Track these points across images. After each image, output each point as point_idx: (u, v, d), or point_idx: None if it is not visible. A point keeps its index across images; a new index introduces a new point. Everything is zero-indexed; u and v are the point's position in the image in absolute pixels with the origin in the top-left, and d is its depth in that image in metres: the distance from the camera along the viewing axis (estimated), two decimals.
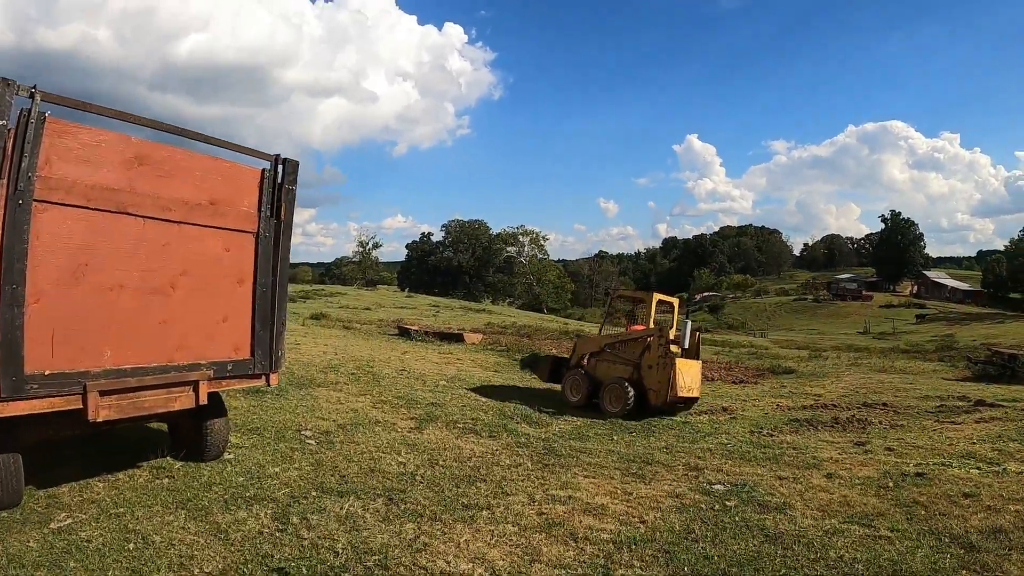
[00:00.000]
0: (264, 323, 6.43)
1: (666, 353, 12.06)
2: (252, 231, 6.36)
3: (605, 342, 13.39)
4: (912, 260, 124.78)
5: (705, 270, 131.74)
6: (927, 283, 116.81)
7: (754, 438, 10.47)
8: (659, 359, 12.08)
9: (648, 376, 12.21)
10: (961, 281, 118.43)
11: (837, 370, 23.76)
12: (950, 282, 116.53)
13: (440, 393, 12.67)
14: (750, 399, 15.60)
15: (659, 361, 12.07)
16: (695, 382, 12.46)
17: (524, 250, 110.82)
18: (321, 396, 11.31)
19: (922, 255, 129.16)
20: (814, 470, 8.15)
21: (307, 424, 9.04)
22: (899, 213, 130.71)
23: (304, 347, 19.00)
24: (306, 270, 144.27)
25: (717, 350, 33.53)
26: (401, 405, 11.02)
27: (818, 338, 61.37)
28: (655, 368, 12.11)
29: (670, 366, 11.87)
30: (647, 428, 10.94)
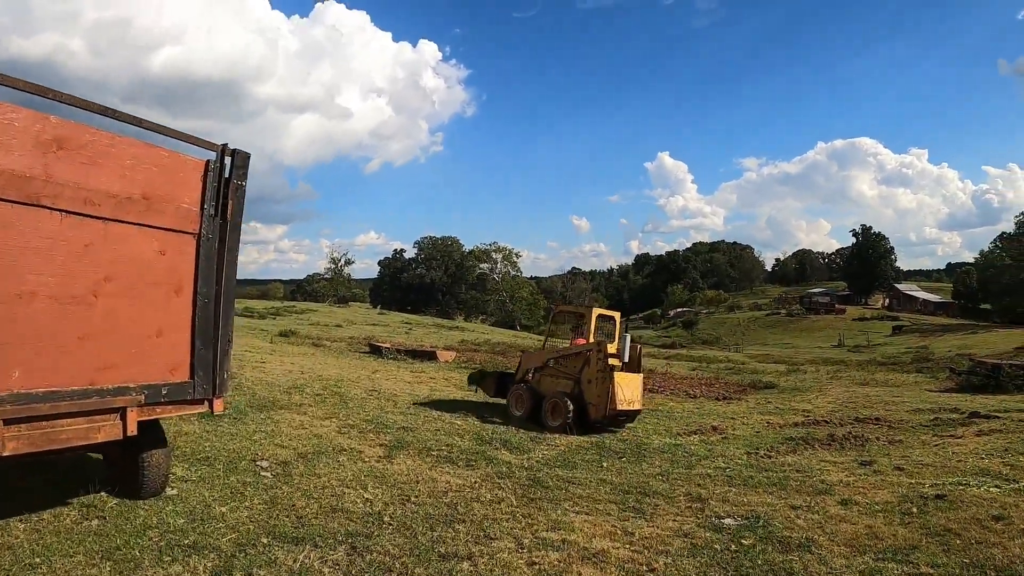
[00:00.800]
0: (206, 340, 5.49)
1: (605, 367, 12.15)
2: (193, 232, 5.44)
3: (548, 357, 13.49)
4: (883, 273, 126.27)
5: (678, 286, 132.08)
6: (899, 296, 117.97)
7: (752, 460, 9.86)
8: (598, 373, 12.20)
9: (588, 390, 12.34)
10: (932, 293, 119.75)
11: (819, 384, 23.45)
12: (921, 294, 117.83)
13: (412, 416, 11.73)
14: (738, 417, 15.16)
15: (598, 375, 12.19)
16: (636, 395, 12.56)
17: (497, 267, 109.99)
18: (283, 420, 10.33)
19: (893, 268, 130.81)
20: (826, 496, 7.50)
21: (264, 453, 8.05)
22: (870, 227, 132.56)
23: (269, 365, 17.99)
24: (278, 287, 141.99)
25: (695, 365, 33.16)
26: (369, 430, 10.05)
27: (793, 352, 61.39)
28: (594, 382, 12.23)
29: (609, 380, 11.99)
30: (637, 452, 10.12)
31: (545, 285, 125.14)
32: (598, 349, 12.40)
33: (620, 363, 12.61)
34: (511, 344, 39.00)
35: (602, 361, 12.25)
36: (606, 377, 12.07)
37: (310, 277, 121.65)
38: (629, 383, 12.40)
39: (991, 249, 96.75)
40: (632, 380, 12.55)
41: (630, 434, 12.11)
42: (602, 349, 12.37)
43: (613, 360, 12.50)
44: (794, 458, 9.95)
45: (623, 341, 12.93)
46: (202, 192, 5.52)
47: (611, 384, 11.97)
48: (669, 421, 14.14)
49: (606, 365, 12.20)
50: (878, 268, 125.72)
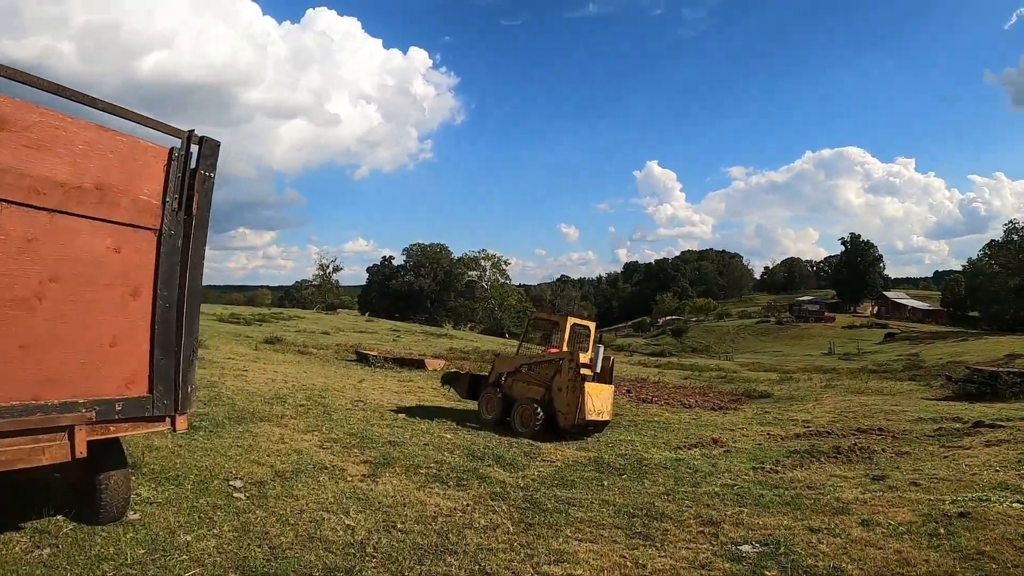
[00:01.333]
0: (167, 349, 4.89)
1: (576, 376, 12.19)
2: (153, 227, 4.85)
3: (521, 362, 13.58)
4: (872, 281, 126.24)
5: (668, 294, 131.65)
6: (888, 303, 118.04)
7: (760, 476, 9.37)
8: (569, 382, 12.25)
9: (558, 398, 12.38)
10: (920, 301, 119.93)
11: (814, 393, 22.99)
12: (910, 302, 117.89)
13: (399, 429, 11.12)
14: (737, 428, 14.66)
15: (569, 384, 12.23)
16: (605, 406, 12.57)
17: (486, 274, 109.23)
18: (262, 433, 9.72)
19: (882, 276, 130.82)
20: (845, 516, 7.00)
21: (239, 471, 7.44)
22: (859, 236, 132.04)
23: (252, 374, 17.34)
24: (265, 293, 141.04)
25: (687, 374, 32.65)
26: (354, 445, 9.43)
27: (784, 360, 61.04)
28: (565, 391, 12.27)
29: (579, 389, 12.02)
30: (638, 469, 9.54)
31: (534, 293, 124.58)
32: (570, 358, 12.45)
33: (592, 373, 12.66)
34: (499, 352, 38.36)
35: (573, 370, 12.28)
36: (576, 386, 12.08)
37: (298, 284, 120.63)
38: (599, 394, 12.38)
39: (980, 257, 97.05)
40: (602, 391, 12.53)
41: (628, 447, 11.56)
42: (574, 358, 12.42)
43: (585, 370, 12.55)
44: (803, 473, 9.54)
45: (596, 352, 13.00)
46: (164, 183, 4.93)
47: (581, 394, 11.98)
48: (667, 433, 13.62)
49: (577, 374, 12.22)
50: (867, 276, 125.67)
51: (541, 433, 12.10)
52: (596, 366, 12.84)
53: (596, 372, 12.79)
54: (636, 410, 17.62)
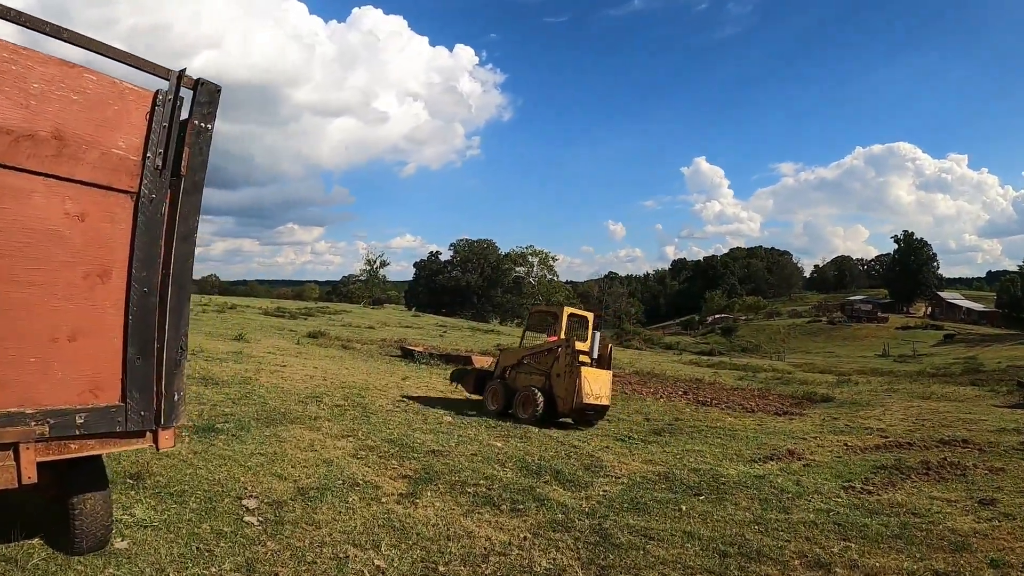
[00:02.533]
0: (145, 347, 3.81)
1: (572, 362, 12.65)
2: (129, 190, 3.78)
3: (523, 354, 14.14)
4: (926, 281, 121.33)
5: (717, 292, 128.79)
6: (942, 304, 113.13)
7: (854, 498, 8.19)
8: (566, 368, 12.73)
9: (557, 384, 12.85)
10: (975, 302, 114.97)
11: (878, 398, 21.55)
12: (965, 303, 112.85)
13: (444, 435, 9.98)
14: (809, 437, 13.50)
15: (566, 370, 12.71)
16: (603, 391, 12.87)
17: (533, 270, 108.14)
18: (290, 438, 8.72)
19: (936, 276, 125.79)
20: (968, 554, 6.02)
21: (256, 486, 6.40)
22: (912, 233, 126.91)
23: (290, 370, 16.50)
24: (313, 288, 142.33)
25: (741, 375, 31.19)
26: (392, 454, 8.33)
27: (837, 361, 58.79)
28: (563, 376, 12.74)
29: (576, 375, 12.43)
30: (715, 487, 8.27)
31: (581, 289, 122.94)
32: (566, 345, 12.98)
33: (589, 359, 13.07)
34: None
35: (570, 356, 12.76)
36: (573, 372, 12.52)
37: (345, 278, 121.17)
38: (597, 378, 12.75)
39: None
40: (600, 376, 12.89)
41: (698, 459, 10.30)
42: (570, 345, 12.92)
43: (583, 356, 12.97)
44: (900, 495, 8.44)
45: (593, 339, 13.39)
46: (146, 135, 3.85)
47: (578, 378, 12.39)
48: (736, 442, 12.40)
49: (573, 360, 12.66)
50: (920, 275, 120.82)
51: (542, 419, 12.59)
52: (593, 352, 13.20)
53: (594, 358, 13.16)
54: (697, 414, 16.40)
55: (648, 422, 14.42)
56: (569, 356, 12.78)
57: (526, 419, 12.54)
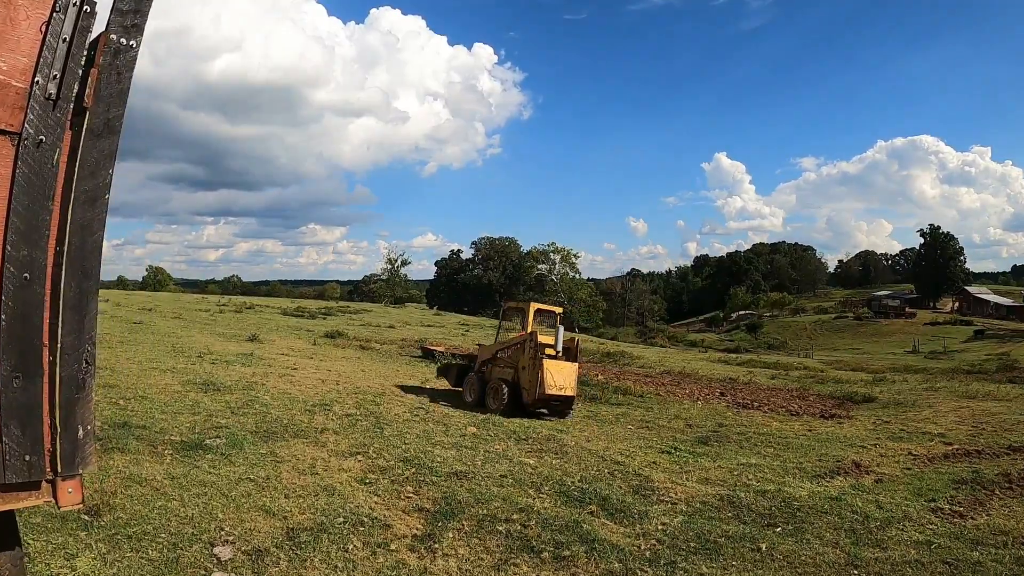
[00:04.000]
0: (26, 361, 2.56)
1: (536, 355, 13.12)
2: (7, 129, 2.53)
3: (496, 349, 14.90)
4: (953, 275, 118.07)
5: (741, 288, 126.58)
6: (969, 299, 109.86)
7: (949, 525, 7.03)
8: (530, 360, 13.24)
9: (522, 376, 13.42)
10: (1003, 296, 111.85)
11: (921, 397, 20.21)
12: (993, 298, 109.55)
13: (467, 450, 8.70)
14: (868, 444, 12.28)
15: (530, 363, 13.23)
16: (567, 382, 13.20)
17: (555, 268, 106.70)
18: (289, 458, 7.54)
19: (963, 270, 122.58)
20: None
21: (237, 526, 5.19)
22: (938, 227, 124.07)
23: (301, 373, 15.40)
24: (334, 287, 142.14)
25: (774, 373, 29.80)
26: (407, 477, 7.06)
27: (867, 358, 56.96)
28: (527, 369, 13.29)
29: (539, 367, 12.87)
30: (789, 513, 6.97)
31: (603, 287, 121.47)
32: (531, 338, 13.47)
33: (555, 352, 13.42)
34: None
35: (533, 349, 13.26)
36: (537, 364, 12.96)
37: (367, 278, 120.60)
38: (560, 370, 13.10)
39: None
40: (564, 368, 13.23)
41: (758, 475, 8.99)
42: (534, 338, 13.40)
43: (549, 350, 13.38)
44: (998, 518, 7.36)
45: (557, 333, 13.67)
46: (37, 52, 2.60)
47: (541, 371, 12.81)
48: (792, 452, 11.11)
49: (536, 353, 13.14)
50: (947, 270, 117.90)
51: (509, 409, 13.17)
52: (558, 345, 13.49)
53: (558, 351, 13.47)
54: (740, 418, 15.08)
55: (691, 429, 13.15)
56: (533, 349, 13.32)
57: (495, 409, 13.25)
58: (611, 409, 15.35)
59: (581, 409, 14.91)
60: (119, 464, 6.79)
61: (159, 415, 9.44)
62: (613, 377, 21.98)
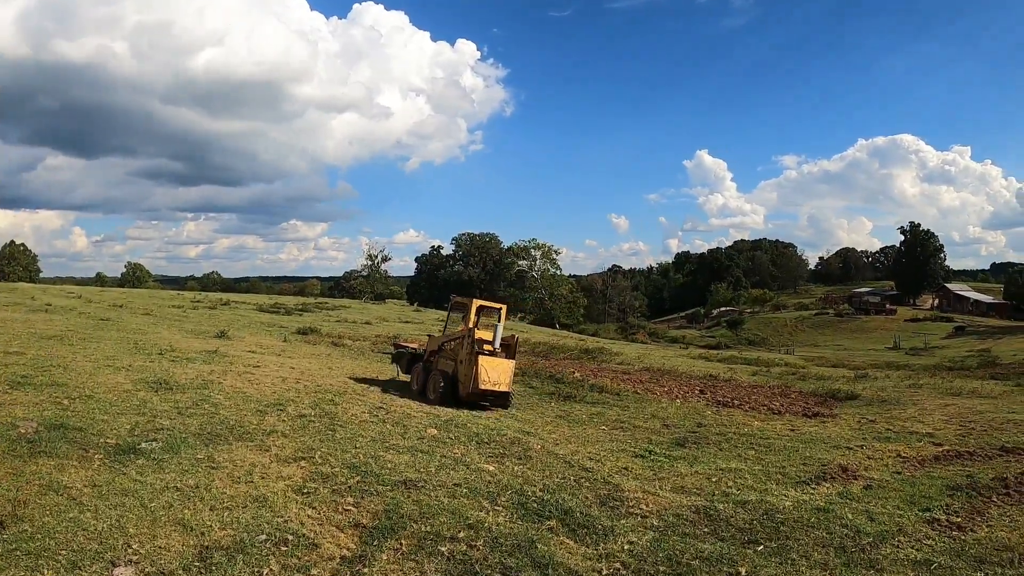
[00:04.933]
0: None
1: (472, 350, 13.35)
2: None
3: (442, 341, 15.11)
4: (933, 273, 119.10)
5: (722, 284, 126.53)
6: (949, 296, 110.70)
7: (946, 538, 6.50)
8: (467, 356, 13.47)
9: (460, 369, 13.68)
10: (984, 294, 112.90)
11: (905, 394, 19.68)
12: (973, 295, 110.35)
13: (423, 455, 8.05)
14: (854, 445, 11.64)
15: (467, 357, 13.46)
16: (502, 378, 13.44)
17: (536, 264, 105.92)
18: (226, 463, 6.92)
19: (943, 268, 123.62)
20: None
21: (146, 543, 4.56)
22: (919, 225, 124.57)
23: (264, 370, 14.71)
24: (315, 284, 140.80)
25: (755, 370, 29.30)
26: (350, 487, 6.40)
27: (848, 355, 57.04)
28: (464, 363, 13.55)
29: (474, 362, 13.14)
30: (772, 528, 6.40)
31: (585, 283, 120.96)
32: (468, 334, 13.68)
33: (491, 348, 13.60)
34: (555, 344, 35.19)
35: (470, 345, 13.47)
36: (472, 359, 13.19)
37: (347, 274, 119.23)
38: (496, 367, 13.33)
39: None
40: (500, 364, 13.45)
41: (737, 481, 8.44)
42: (471, 335, 13.63)
43: (487, 346, 13.61)
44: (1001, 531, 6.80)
45: (495, 330, 13.85)
46: None
47: (476, 366, 13.06)
48: (774, 456, 10.50)
49: (472, 349, 13.35)
50: (927, 267, 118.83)
51: (446, 401, 13.35)
52: (495, 342, 13.69)
53: (495, 348, 13.65)
54: (720, 418, 14.47)
55: (668, 429, 12.57)
56: (469, 345, 13.49)
57: (434, 400, 13.53)
58: (585, 408, 14.75)
59: (554, 408, 14.40)
60: (43, 469, 6.22)
61: (100, 416, 8.88)
62: (590, 374, 21.34)
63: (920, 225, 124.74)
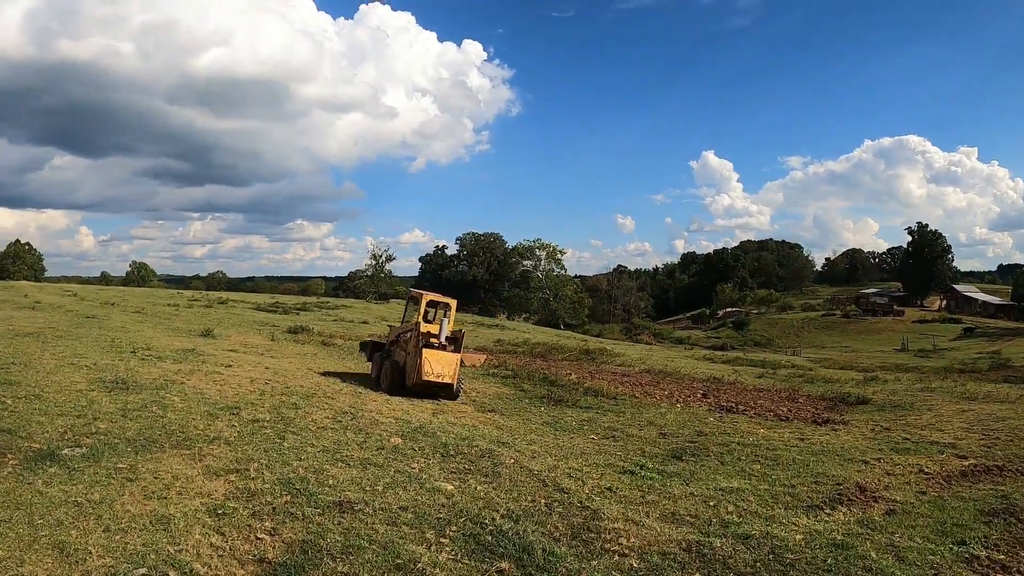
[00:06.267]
0: None
1: (417, 343, 13.85)
2: None
3: (398, 332, 15.64)
4: (940, 274, 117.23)
5: (728, 285, 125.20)
6: (957, 297, 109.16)
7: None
8: (413, 348, 13.99)
9: (407, 361, 14.20)
10: (991, 295, 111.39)
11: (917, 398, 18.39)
12: (981, 296, 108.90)
13: (375, 469, 7.06)
14: (869, 458, 10.42)
15: (413, 350, 13.95)
16: (446, 370, 13.81)
17: (541, 264, 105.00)
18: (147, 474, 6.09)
19: (950, 268, 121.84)
20: None
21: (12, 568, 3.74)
22: (926, 225, 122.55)
23: (235, 370, 13.90)
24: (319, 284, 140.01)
25: (760, 372, 28.11)
26: (273, 508, 5.41)
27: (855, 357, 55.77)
28: (411, 355, 14.06)
29: (419, 355, 13.58)
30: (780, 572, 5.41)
31: (590, 283, 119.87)
32: (415, 328, 14.28)
33: (437, 342, 13.98)
34: (554, 345, 34.20)
35: (415, 338, 13.99)
36: (417, 352, 13.69)
37: (352, 274, 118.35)
38: (439, 359, 13.74)
39: None
40: (443, 357, 13.83)
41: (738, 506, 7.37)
42: (417, 328, 14.17)
43: (433, 339, 13.99)
44: None
45: (441, 324, 14.24)
46: None
47: (420, 358, 13.52)
48: (781, 471, 9.37)
49: (418, 342, 13.85)
50: (935, 268, 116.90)
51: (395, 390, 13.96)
52: (441, 336, 14.02)
53: (441, 341, 14.00)
54: (723, 425, 13.36)
55: (665, 439, 11.47)
56: (415, 338, 13.98)
57: (385, 388, 14.22)
58: (577, 414, 13.73)
59: (542, 414, 13.42)
60: None
61: (38, 417, 8.16)
62: (587, 376, 20.36)
63: (928, 226, 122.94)
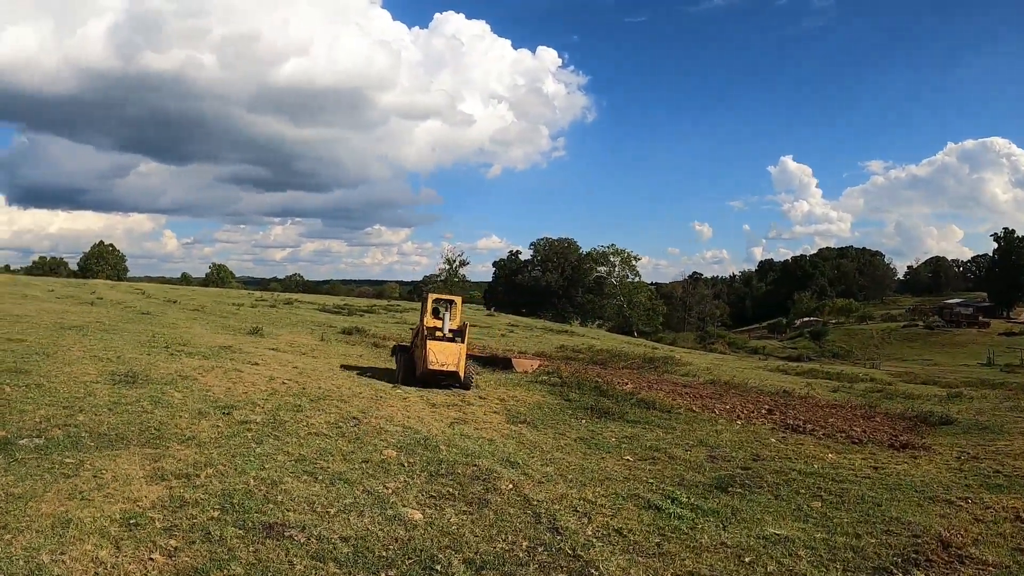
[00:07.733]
0: None
1: (422, 337, 14.89)
2: None
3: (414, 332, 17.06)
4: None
5: (805, 294, 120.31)
6: None
7: None
8: (420, 341, 15.00)
9: (416, 353, 15.27)
10: None
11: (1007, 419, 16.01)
12: None
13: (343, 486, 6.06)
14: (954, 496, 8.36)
15: (419, 343, 15.05)
16: (450, 360, 14.58)
17: (615, 270, 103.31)
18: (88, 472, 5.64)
19: None
20: None
21: None
22: (1013, 231, 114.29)
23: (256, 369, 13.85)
24: (393, 287, 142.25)
25: (836, 385, 25.84)
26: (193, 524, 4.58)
27: (938, 371, 51.85)
28: (418, 348, 15.09)
29: (424, 347, 14.55)
30: None
31: (665, 290, 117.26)
32: (421, 323, 15.54)
33: (441, 334, 15.07)
34: (617, 352, 32.77)
35: (422, 332, 15.16)
36: (422, 344, 14.67)
37: (426, 278, 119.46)
38: (443, 350, 14.62)
39: None
40: (448, 347, 14.72)
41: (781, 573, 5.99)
42: (421, 324, 15.47)
43: (438, 332, 15.12)
44: None
45: (444, 319, 15.43)
46: None
47: (425, 349, 14.45)
48: (846, 513, 7.38)
49: (423, 335, 14.89)
50: (1023, 277, 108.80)
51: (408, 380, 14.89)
52: (444, 329, 15.20)
53: (445, 333, 15.12)
54: (785, 448, 11.40)
55: (713, 464, 9.70)
56: (422, 331, 15.16)
57: (400, 379, 15.12)
58: (621, 428, 12.17)
59: (581, 427, 11.98)
60: None
61: (24, 407, 7.96)
62: (644, 386, 18.95)
63: (1015, 232, 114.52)
